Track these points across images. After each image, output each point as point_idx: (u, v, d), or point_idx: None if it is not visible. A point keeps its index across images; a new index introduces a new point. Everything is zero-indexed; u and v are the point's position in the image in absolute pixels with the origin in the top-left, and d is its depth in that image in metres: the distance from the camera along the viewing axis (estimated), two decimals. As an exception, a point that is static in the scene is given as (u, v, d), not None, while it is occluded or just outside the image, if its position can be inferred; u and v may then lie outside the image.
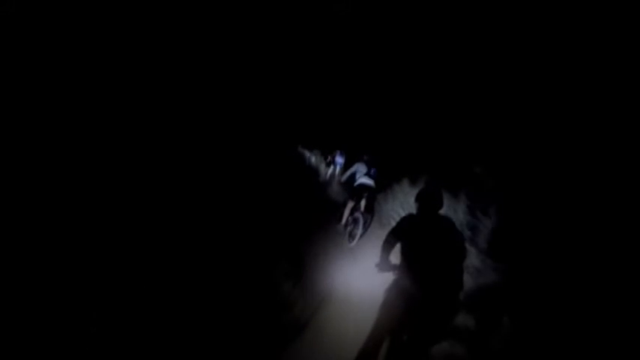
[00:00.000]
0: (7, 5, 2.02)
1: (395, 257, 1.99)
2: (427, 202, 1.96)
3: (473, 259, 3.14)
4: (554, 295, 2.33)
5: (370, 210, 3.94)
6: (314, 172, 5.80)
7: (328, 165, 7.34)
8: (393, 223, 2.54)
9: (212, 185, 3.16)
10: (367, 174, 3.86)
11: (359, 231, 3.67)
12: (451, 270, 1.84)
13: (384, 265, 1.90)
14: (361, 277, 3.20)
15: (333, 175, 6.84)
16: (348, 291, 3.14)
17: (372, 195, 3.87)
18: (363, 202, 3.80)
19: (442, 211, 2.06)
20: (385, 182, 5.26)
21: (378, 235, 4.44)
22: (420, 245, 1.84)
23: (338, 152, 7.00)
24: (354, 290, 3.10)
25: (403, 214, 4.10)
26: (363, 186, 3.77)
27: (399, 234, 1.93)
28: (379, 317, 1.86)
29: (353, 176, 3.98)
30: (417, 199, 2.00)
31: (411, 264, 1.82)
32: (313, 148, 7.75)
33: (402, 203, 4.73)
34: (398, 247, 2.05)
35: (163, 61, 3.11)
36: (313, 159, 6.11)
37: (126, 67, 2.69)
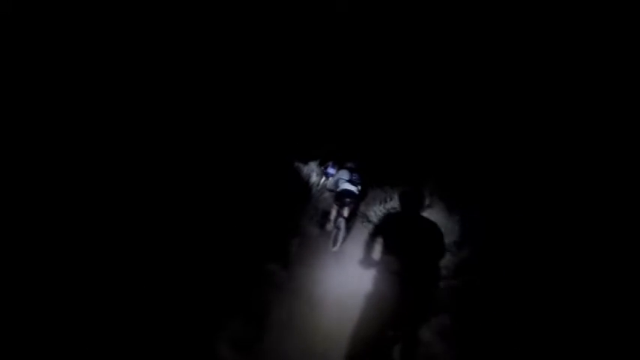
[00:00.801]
0: (4, 5, 2.06)
1: (377, 254, 2.11)
2: (408, 201, 2.14)
3: (497, 287, 2.70)
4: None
5: (353, 215, 4.05)
6: (306, 183, 5.93)
7: (323, 176, 7.51)
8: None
9: (203, 192, 3.24)
10: (349, 180, 4.00)
11: (341, 235, 3.78)
12: (429, 265, 1.95)
13: (366, 261, 2.03)
14: (343, 279, 3.28)
15: (325, 185, 6.99)
16: (329, 293, 3.21)
17: (355, 200, 3.99)
18: (346, 208, 3.92)
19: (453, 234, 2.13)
20: (385, 196, 5.29)
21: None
22: (400, 241, 1.98)
23: (330, 163, 7.18)
24: (336, 292, 3.17)
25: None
26: (344, 192, 3.90)
27: (382, 230, 2.08)
28: (362, 315, 1.97)
29: (337, 183, 4.13)
30: (400, 198, 2.20)
31: (391, 259, 1.94)
32: (309, 161, 7.91)
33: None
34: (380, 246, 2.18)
35: (161, 62, 3.13)
36: (305, 170, 6.27)
37: (123, 69, 2.74)
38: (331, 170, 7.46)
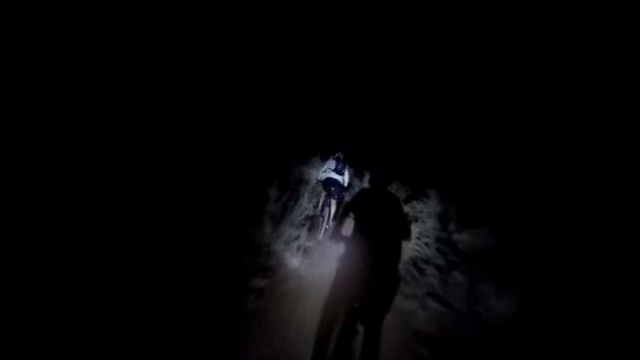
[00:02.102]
0: (6, 5, 2.11)
1: (347, 230, 2.15)
2: (374, 177, 2.35)
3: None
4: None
5: (339, 203, 4.03)
6: (296, 187, 5.94)
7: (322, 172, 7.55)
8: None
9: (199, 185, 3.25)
10: (335, 170, 4.00)
11: (325, 224, 3.77)
12: (394, 238, 2.00)
13: (336, 237, 2.10)
14: (327, 264, 3.28)
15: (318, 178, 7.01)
16: (314, 277, 3.20)
17: (340, 189, 3.98)
18: (332, 197, 3.92)
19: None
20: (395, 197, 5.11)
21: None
22: (369, 215, 2.06)
23: (331, 158, 7.20)
24: (319, 276, 3.17)
25: (431, 244, 3.55)
26: (329, 180, 3.91)
27: (352, 205, 2.16)
28: (332, 288, 2.03)
29: (324, 172, 4.14)
30: (369, 176, 2.28)
31: (360, 232, 2.01)
32: (309, 158, 7.94)
33: (432, 229, 3.76)
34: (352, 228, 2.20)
35: (159, 63, 3.19)
36: (302, 168, 6.32)
37: (121, 70, 2.79)
38: (329, 165, 7.50)
